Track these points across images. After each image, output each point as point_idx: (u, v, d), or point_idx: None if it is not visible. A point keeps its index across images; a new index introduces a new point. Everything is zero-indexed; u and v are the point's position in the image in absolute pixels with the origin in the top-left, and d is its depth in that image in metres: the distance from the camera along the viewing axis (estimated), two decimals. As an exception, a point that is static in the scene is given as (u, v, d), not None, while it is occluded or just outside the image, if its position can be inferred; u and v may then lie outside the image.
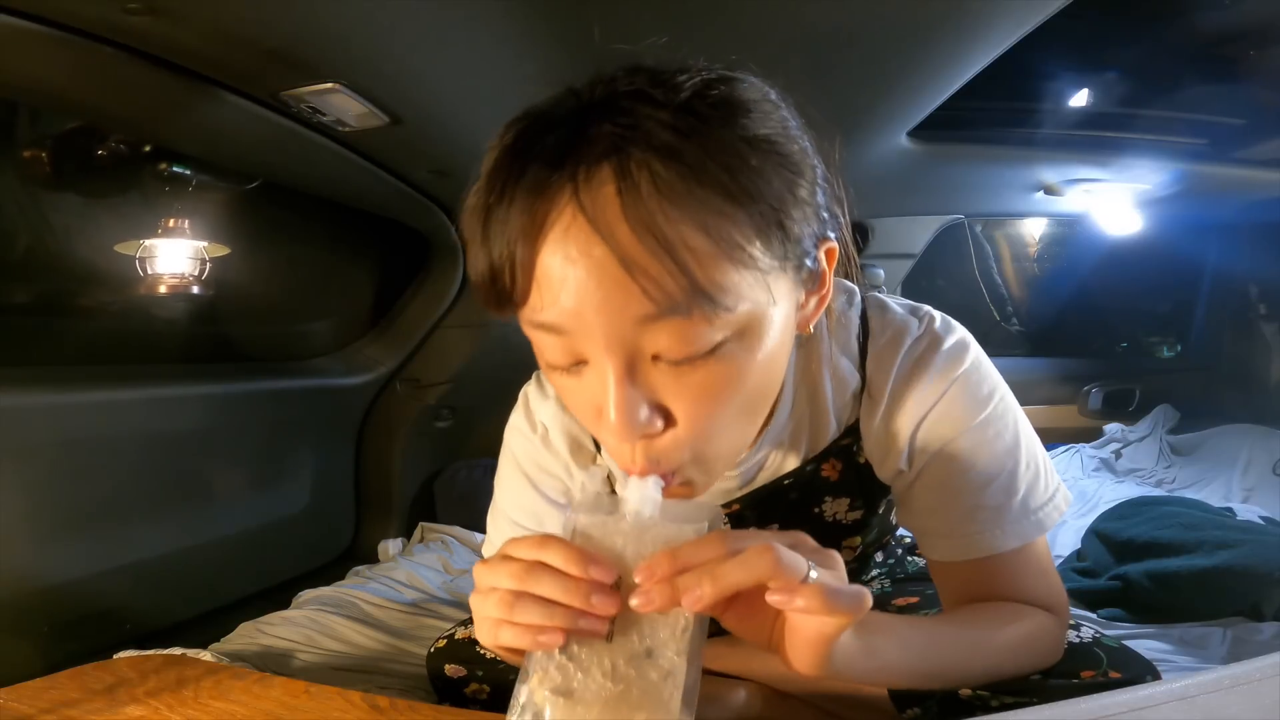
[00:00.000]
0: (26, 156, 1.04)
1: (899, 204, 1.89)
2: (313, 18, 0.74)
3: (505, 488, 0.67)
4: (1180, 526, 1.25)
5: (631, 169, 0.35)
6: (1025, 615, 0.54)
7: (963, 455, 0.53)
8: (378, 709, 0.63)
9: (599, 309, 0.37)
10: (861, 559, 0.74)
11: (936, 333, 0.55)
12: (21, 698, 0.66)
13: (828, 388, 0.56)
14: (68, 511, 1.08)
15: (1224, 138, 1.59)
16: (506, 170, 0.38)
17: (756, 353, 0.40)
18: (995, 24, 0.90)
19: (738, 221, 0.37)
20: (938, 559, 0.56)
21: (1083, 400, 2.30)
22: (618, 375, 0.38)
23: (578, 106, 0.39)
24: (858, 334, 0.56)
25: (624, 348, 0.38)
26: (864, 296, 0.59)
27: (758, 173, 0.37)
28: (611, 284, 0.36)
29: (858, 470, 0.60)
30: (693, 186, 0.35)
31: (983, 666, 0.51)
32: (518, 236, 0.37)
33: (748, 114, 0.39)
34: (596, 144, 0.36)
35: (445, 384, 1.77)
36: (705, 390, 0.40)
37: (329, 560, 1.67)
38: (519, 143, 0.38)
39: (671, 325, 0.37)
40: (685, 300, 0.36)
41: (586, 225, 0.35)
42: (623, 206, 0.35)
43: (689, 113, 0.37)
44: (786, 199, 0.39)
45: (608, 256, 0.35)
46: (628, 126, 0.36)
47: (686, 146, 0.36)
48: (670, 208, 0.35)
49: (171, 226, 1.18)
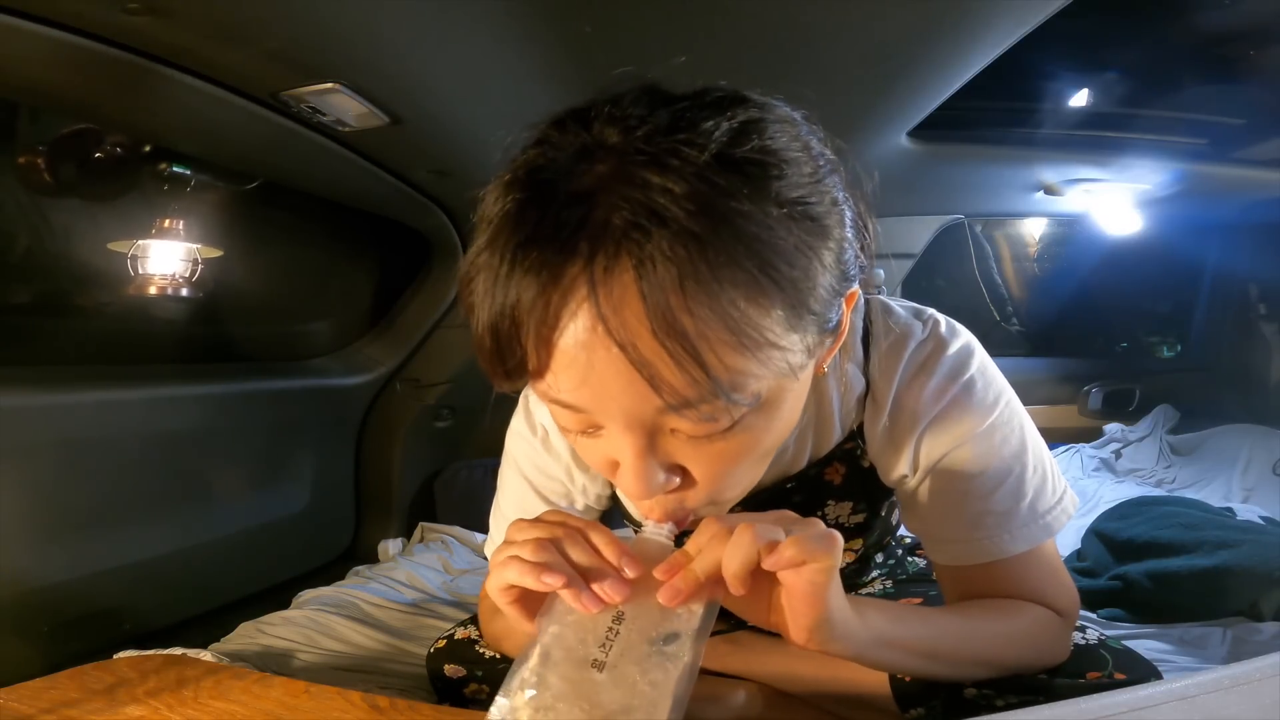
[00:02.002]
0: (26, 157, 1.04)
1: (899, 204, 1.89)
2: (313, 18, 0.74)
3: (507, 490, 0.67)
4: (1180, 526, 1.24)
5: (653, 261, 0.32)
6: (1025, 609, 0.54)
7: (969, 461, 0.53)
8: (378, 709, 0.63)
9: (618, 398, 0.36)
10: (862, 560, 0.74)
11: (941, 337, 0.55)
12: (21, 698, 0.66)
13: (833, 390, 0.56)
14: (68, 511, 1.08)
15: (1224, 138, 1.59)
16: (510, 242, 0.35)
17: (775, 419, 0.41)
18: (995, 24, 0.90)
19: (766, 309, 0.35)
20: (945, 563, 0.56)
21: (1083, 400, 2.30)
22: (636, 450, 0.38)
23: (587, 169, 0.34)
24: (860, 337, 0.56)
25: (643, 428, 0.38)
26: (868, 299, 0.58)
27: (787, 252, 0.35)
28: (632, 379, 0.34)
29: (861, 474, 0.60)
30: (720, 277, 0.32)
31: (979, 652, 0.51)
32: (531, 319, 0.34)
33: (780, 174, 0.36)
34: (612, 229, 0.33)
35: (445, 384, 1.77)
36: (723, 456, 0.40)
37: (329, 560, 1.67)
38: (524, 212, 0.35)
39: (691, 413, 0.36)
40: (708, 398, 0.35)
41: (602, 327, 0.33)
42: (645, 308, 0.32)
43: (716, 179, 0.33)
44: (814, 271, 0.37)
45: (624, 362, 0.33)
46: (646, 208, 0.33)
47: (712, 231, 0.32)
48: (695, 305, 0.32)
49: (171, 227, 1.18)
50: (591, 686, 0.38)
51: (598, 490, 0.66)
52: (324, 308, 1.67)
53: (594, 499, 0.66)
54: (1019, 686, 0.53)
